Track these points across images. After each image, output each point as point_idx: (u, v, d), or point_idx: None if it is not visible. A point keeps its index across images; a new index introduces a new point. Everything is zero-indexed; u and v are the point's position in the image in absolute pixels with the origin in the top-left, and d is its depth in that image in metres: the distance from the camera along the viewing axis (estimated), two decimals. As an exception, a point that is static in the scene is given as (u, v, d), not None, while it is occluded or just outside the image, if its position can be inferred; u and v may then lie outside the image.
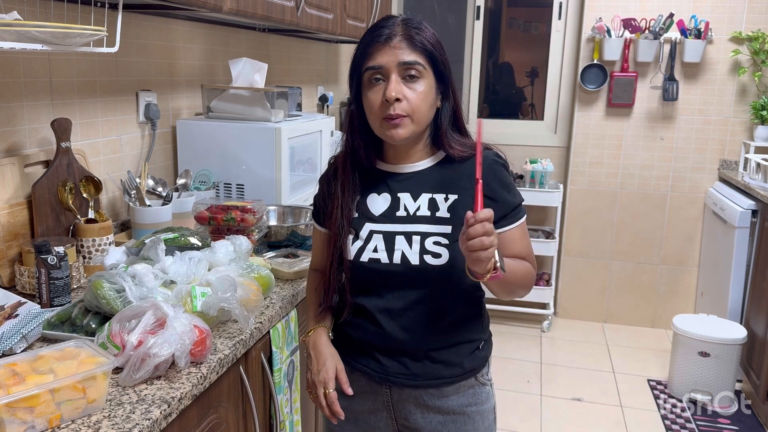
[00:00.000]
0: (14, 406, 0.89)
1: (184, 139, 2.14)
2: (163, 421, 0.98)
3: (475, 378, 1.30)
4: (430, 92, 1.19)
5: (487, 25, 4.04)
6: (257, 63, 2.20)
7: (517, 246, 1.24)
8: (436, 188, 1.24)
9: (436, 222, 1.22)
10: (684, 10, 3.49)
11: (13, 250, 1.46)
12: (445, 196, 1.23)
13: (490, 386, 1.34)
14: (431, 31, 1.20)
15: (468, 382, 1.29)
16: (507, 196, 1.23)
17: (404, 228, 1.22)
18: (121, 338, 1.07)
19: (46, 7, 1.51)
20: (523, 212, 1.26)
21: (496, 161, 1.24)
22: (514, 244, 1.24)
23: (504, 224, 1.23)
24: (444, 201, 1.22)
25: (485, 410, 1.32)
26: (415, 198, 1.24)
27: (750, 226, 3.06)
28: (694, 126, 3.64)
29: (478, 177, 1.05)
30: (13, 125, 1.52)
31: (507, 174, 1.26)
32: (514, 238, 1.24)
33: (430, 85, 1.19)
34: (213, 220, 1.71)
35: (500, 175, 1.24)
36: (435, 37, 1.20)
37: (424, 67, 1.17)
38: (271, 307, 1.41)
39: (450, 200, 1.22)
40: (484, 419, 1.32)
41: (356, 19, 2.77)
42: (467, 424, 1.30)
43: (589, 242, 3.89)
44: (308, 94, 3.35)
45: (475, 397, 1.30)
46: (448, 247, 1.20)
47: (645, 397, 3.08)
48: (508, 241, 1.23)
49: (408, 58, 1.16)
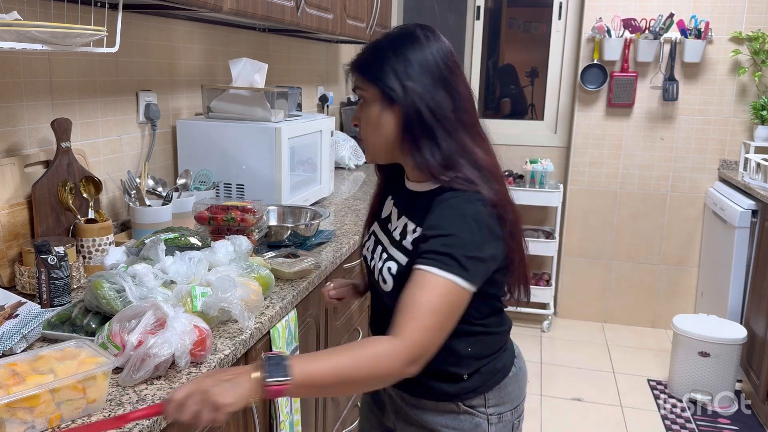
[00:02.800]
0: (14, 406, 0.89)
1: (184, 139, 2.14)
2: (163, 421, 0.98)
3: (456, 404, 1.20)
4: (377, 116, 1.13)
5: (487, 25, 4.04)
6: (257, 63, 2.20)
7: (409, 289, 1.03)
8: (413, 215, 1.16)
9: (399, 248, 1.16)
10: (684, 10, 3.49)
11: (13, 250, 1.46)
12: (415, 227, 1.14)
13: (486, 420, 1.21)
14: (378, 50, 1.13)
15: (445, 405, 1.20)
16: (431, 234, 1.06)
17: (383, 239, 1.22)
18: (121, 338, 1.07)
19: (46, 7, 1.51)
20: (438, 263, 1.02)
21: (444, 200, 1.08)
22: (409, 286, 1.04)
23: (417, 261, 1.06)
24: (412, 232, 1.14)
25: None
26: (398, 217, 1.21)
27: (750, 226, 3.06)
28: (694, 126, 3.64)
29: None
30: (13, 125, 1.52)
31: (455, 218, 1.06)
32: (411, 280, 1.04)
33: (378, 108, 1.12)
34: (213, 220, 1.71)
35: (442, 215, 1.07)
36: (378, 57, 1.12)
37: (365, 90, 1.13)
38: (271, 307, 1.41)
39: (416, 234, 1.13)
40: None
41: (356, 19, 2.77)
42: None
43: (589, 242, 3.89)
44: (308, 94, 3.35)
45: (455, 422, 1.20)
46: (394, 278, 1.14)
47: (645, 397, 3.08)
48: (409, 279, 1.05)
49: (355, 84, 1.16)
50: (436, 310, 1.01)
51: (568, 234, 3.91)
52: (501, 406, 1.23)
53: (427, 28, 1.15)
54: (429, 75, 1.10)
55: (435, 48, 1.12)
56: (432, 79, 1.10)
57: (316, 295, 1.72)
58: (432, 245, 1.05)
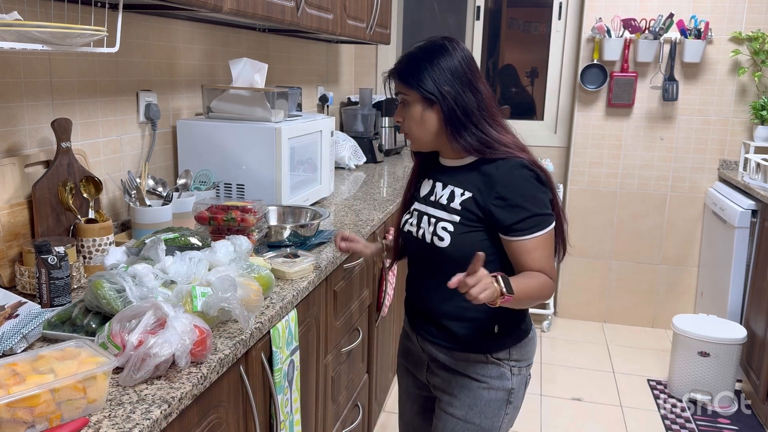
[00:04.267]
0: (14, 406, 0.89)
1: (184, 139, 2.14)
2: (163, 420, 0.98)
3: (485, 356, 1.47)
4: (419, 114, 1.41)
5: (487, 25, 4.04)
6: (257, 63, 2.20)
7: (529, 257, 1.36)
8: (458, 183, 1.43)
9: (448, 211, 1.43)
10: (684, 10, 3.49)
11: (14, 250, 1.46)
12: (462, 191, 1.41)
13: (510, 371, 1.49)
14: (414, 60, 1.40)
15: (477, 356, 1.47)
16: (519, 204, 1.34)
17: (429, 210, 1.47)
18: (122, 338, 1.07)
19: (46, 8, 1.51)
20: (540, 225, 1.35)
21: (513, 169, 1.36)
22: (527, 255, 1.36)
23: (516, 233, 1.36)
24: (460, 195, 1.41)
25: (495, 384, 1.48)
26: (444, 187, 1.46)
27: (750, 226, 3.06)
28: (693, 126, 3.65)
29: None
30: (14, 125, 1.53)
31: (527, 183, 1.36)
32: (527, 249, 1.36)
33: (418, 108, 1.40)
34: (213, 220, 1.71)
35: (515, 183, 1.36)
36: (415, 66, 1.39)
37: (407, 94, 1.41)
38: (271, 307, 1.41)
39: (465, 196, 1.40)
40: (492, 390, 1.48)
41: (356, 20, 2.77)
42: (472, 384, 1.48)
43: (589, 242, 3.89)
44: (308, 95, 3.35)
45: (484, 370, 1.48)
46: (452, 234, 1.40)
47: (645, 396, 3.08)
48: (520, 250, 1.36)
49: (397, 90, 1.44)
50: (549, 255, 1.39)
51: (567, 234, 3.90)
52: (520, 362, 1.51)
53: (452, 39, 1.43)
54: (458, 79, 1.38)
55: (460, 56, 1.39)
56: (460, 82, 1.38)
57: (316, 295, 1.73)
58: (523, 213, 1.34)
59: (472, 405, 1.49)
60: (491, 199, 1.36)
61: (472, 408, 1.49)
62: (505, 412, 1.51)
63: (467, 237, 1.39)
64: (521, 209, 1.34)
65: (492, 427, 1.50)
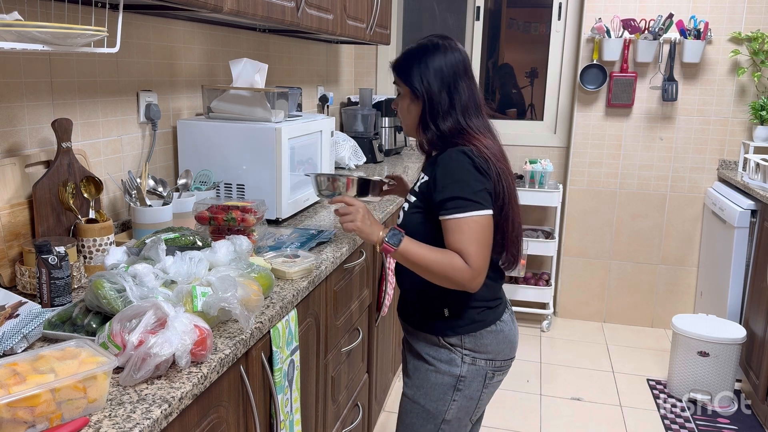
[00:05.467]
0: (15, 405, 0.89)
1: (184, 139, 2.14)
2: (163, 420, 0.98)
3: (437, 338, 1.56)
4: (407, 105, 1.54)
5: (486, 25, 4.04)
6: (257, 63, 2.20)
7: (449, 237, 1.43)
8: (425, 170, 1.56)
9: (413, 193, 1.57)
10: (683, 10, 3.49)
11: (14, 250, 1.46)
12: (424, 176, 1.53)
13: (460, 357, 1.54)
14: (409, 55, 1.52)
15: (430, 337, 1.57)
16: (443, 186, 1.44)
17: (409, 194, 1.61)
18: (122, 338, 1.07)
19: (46, 8, 1.51)
20: (461, 208, 1.40)
21: (451, 154, 1.45)
22: (447, 234, 1.44)
23: (441, 212, 1.44)
24: (422, 179, 1.54)
25: (442, 368, 1.55)
26: (422, 176, 1.56)
27: (749, 226, 3.06)
28: (693, 126, 3.65)
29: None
30: (14, 125, 1.53)
31: (459, 167, 1.43)
32: (447, 228, 1.43)
33: (408, 99, 1.54)
34: (213, 220, 1.71)
35: (447, 166, 1.45)
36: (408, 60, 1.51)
37: (399, 85, 1.54)
38: (271, 307, 1.41)
39: (423, 179, 1.53)
40: (440, 374, 1.56)
41: (356, 20, 2.77)
42: (422, 366, 1.58)
43: (589, 242, 3.89)
44: (308, 95, 3.35)
45: (436, 352, 1.57)
46: (405, 213, 1.57)
47: (644, 396, 3.08)
48: (444, 229, 1.44)
49: (394, 81, 1.57)
50: (470, 241, 1.39)
51: (567, 234, 3.91)
52: (476, 353, 1.55)
53: (449, 39, 1.53)
54: (439, 79, 1.48)
55: (450, 58, 1.49)
56: (440, 82, 1.48)
57: (316, 295, 1.73)
58: (446, 194, 1.42)
59: (419, 386, 1.58)
60: (431, 182, 1.48)
61: (419, 389, 1.58)
62: (452, 398, 1.55)
63: (414, 216, 1.53)
64: (446, 190, 1.43)
65: (437, 411, 1.56)
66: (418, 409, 1.59)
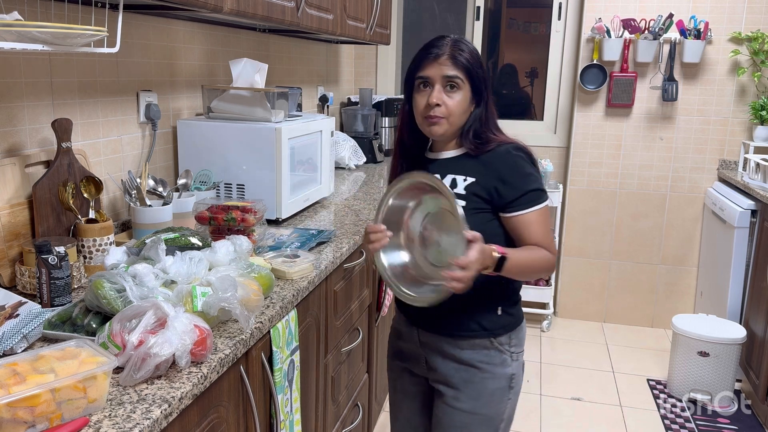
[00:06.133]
0: (15, 405, 0.89)
1: (184, 139, 2.14)
2: (163, 420, 0.98)
3: (489, 340, 1.51)
4: (465, 101, 1.46)
5: (486, 25, 4.04)
6: (257, 63, 2.20)
7: (529, 231, 1.44)
8: (458, 171, 1.49)
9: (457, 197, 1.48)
10: (683, 10, 3.49)
11: (14, 250, 1.46)
12: (464, 177, 1.47)
13: (510, 356, 1.53)
14: (473, 52, 1.47)
15: (481, 341, 1.51)
16: (518, 182, 1.43)
17: None
18: (122, 338, 1.07)
19: (46, 8, 1.51)
20: (537, 199, 1.44)
21: (510, 152, 1.46)
22: (528, 229, 1.44)
23: (516, 209, 1.43)
24: (463, 181, 1.47)
25: (498, 372, 1.52)
26: (443, 177, 1.49)
27: (749, 226, 3.06)
28: (693, 126, 3.65)
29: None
30: (14, 125, 1.53)
31: (523, 163, 1.45)
32: (527, 223, 1.43)
33: (465, 95, 1.46)
34: (213, 220, 1.71)
35: (513, 163, 1.45)
36: (475, 57, 1.47)
37: (462, 80, 1.45)
38: (271, 306, 1.41)
39: (468, 181, 1.46)
40: (496, 379, 1.51)
41: (356, 20, 2.77)
42: (476, 376, 1.51)
43: (589, 242, 3.89)
44: (308, 95, 3.35)
45: (488, 357, 1.51)
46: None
47: (644, 396, 3.08)
48: (521, 225, 1.44)
49: (450, 72, 1.44)
50: (546, 230, 1.46)
51: (567, 234, 3.91)
52: (517, 347, 1.55)
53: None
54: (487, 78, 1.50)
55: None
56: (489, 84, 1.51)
57: (316, 295, 1.73)
58: (520, 190, 1.43)
59: (477, 397, 1.52)
60: (493, 180, 1.44)
61: (477, 399, 1.52)
62: (508, 398, 1.54)
63: (476, 217, 1.45)
64: (519, 187, 1.43)
65: (496, 414, 1.55)
66: (478, 419, 1.53)
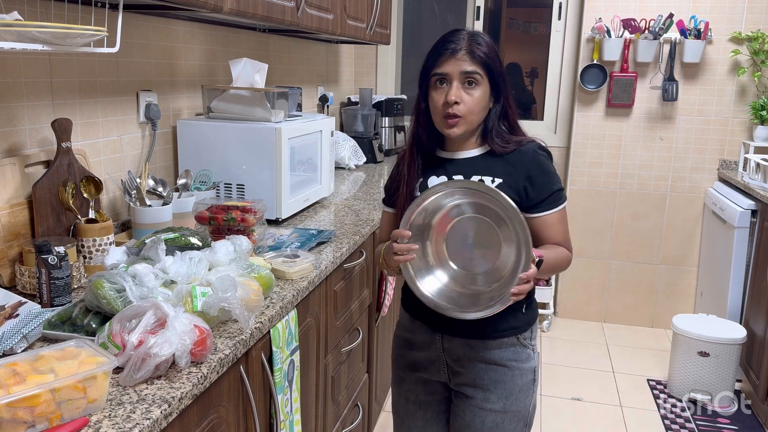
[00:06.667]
0: (15, 405, 0.89)
1: (184, 139, 2.14)
2: (163, 420, 0.98)
3: (516, 338, 1.51)
4: (484, 97, 1.42)
5: (487, 25, 4.04)
6: (257, 63, 2.20)
7: (553, 230, 1.45)
8: (484, 171, 1.45)
9: None
10: (684, 10, 3.49)
11: (14, 249, 1.46)
12: (492, 178, 1.44)
13: (532, 350, 1.54)
14: (491, 45, 1.42)
15: (509, 340, 1.50)
16: (545, 182, 1.43)
17: None
18: (122, 338, 1.07)
19: (46, 8, 1.51)
20: (561, 199, 1.46)
21: (536, 151, 1.45)
22: (551, 228, 1.45)
23: (542, 209, 1.44)
24: (491, 182, 1.43)
25: (525, 368, 1.52)
26: (468, 178, 1.46)
27: (749, 226, 3.06)
28: (693, 126, 3.65)
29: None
30: (14, 125, 1.53)
31: (548, 163, 1.46)
32: (551, 222, 1.45)
33: (485, 91, 1.42)
34: (213, 220, 1.71)
35: (540, 163, 1.44)
36: (494, 51, 1.42)
37: (481, 76, 1.40)
38: (271, 306, 1.41)
39: (496, 182, 1.43)
40: (523, 375, 1.52)
41: (356, 20, 2.77)
42: (506, 375, 1.51)
43: (589, 242, 3.89)
44: (308, 95, 3.35)
45: (515, 354, 1.51)
46: None
47: (645, 396, 3.08)
48: (545, 225, 1.44)
49: (468, 68, 1.39)
50: (567, 229, 1.49)
51: (567, 234, 3.91)
52: (534, 339, 1.56)
53: None
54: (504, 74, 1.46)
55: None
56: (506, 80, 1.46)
57: (316, 295, 1.73)
58: (547, 191, 1.43)
59: (508, 395, 1.52)
60: (522, 180, 1.43)
61: (508, 398, 1.52)
62: (533, 390, 1.56)
63: None
64: (546, 187, 1.43)
65: (525, 408, 1.56)
66: (510, 416, 1.52)
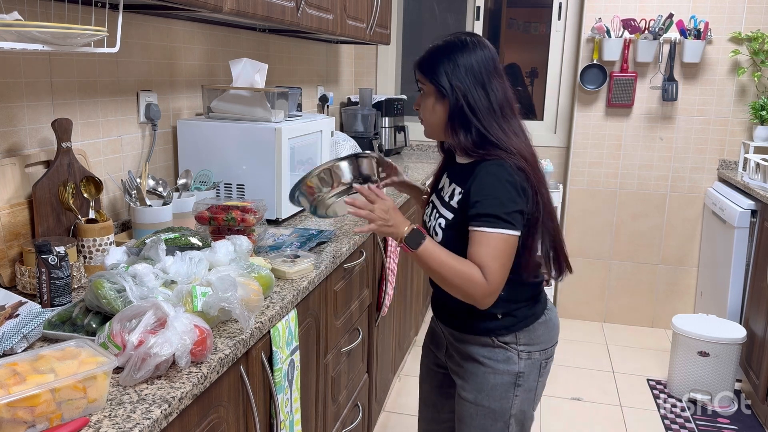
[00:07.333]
0: (15, 405, 0.89)
1: (184, 139, 2.14)
2: (163, 420, 0.98)
3: (491, 338, 1.52)
4: (435, 106, 1.47)
5: (487, 25, 4.04)
6: (257, 63, 2.20)
7: (473, 248, 1.39)
8: (459, 181, 1.49)
9: (447, 207, 1.51)
10: (683, 10, 3.49)
11: (14, 249, 1.46)
12: (461, 190, 1.47)
13: (517, 354, 1.52)
14: (435, 53, 1.45)
15: (484, 339, 1.53)
16: (477, 200, 1.39)
17: (437, 204, 1.56)
18: (122, 338, 1.07)
19: (46, 8, 1.51)
20: (489, 224, 1.37)
21: (487, 170, 1.41)
22: (472, 245, 1.40)
23: (470, 222, 1.41)
24: (458, 193, 1.47)
25: (501, 369, 1.52)
26: (449, 184, 1.53)
27: (749, 226, 3.06)
28: (693, 126, 3.65)
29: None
30: (14, 125, 1.53)
31: (497, 183, 1.38)
32: (471, 239, 1.40)
33: (433, 100, 1.47)
34: (213, 220, 1.71)
35: (483, 183, 1.40)
36: (438, 62, 1.43)
37: (426, 85, 1.47)
38: (271, 306, 1.41)
39: (461, 195, 1.46)
40: (498, 375, 1.53)
41: (356, 20, 2.77)
42: (478, 369, 1.54)
43: (589, 242, 3.89)
44: (308, 95, 3.35)
45: (490, 353, 1.53)
46: (443, 230, 1.50)
47: (644, 396, 3.08)
48: (470, 239, 1.40)
49: (417, 77, 1.50)
50: (492, 257, 1.36)
51: (567, 234, 3.91)
52: (531, 346, 1.53)
53: (476, 36, 1.48)
54: (471, 77, 1.42)
55: (479, 55, 1.43)
56: (474, 80, 1.42)
57: (316, 295, 1.73)
58: (479, 209, 1.38)
59: (479, 389, 1.55)
60: (469, 194, 1.42)
61: (480, 392, 1.55)
62: (515, 394, 1.54)
63: (454, 233, 1.46)
64: (481, 205, 1.38)
65: (502, 409, 1.54)
66: (483, 411, 1.55)
